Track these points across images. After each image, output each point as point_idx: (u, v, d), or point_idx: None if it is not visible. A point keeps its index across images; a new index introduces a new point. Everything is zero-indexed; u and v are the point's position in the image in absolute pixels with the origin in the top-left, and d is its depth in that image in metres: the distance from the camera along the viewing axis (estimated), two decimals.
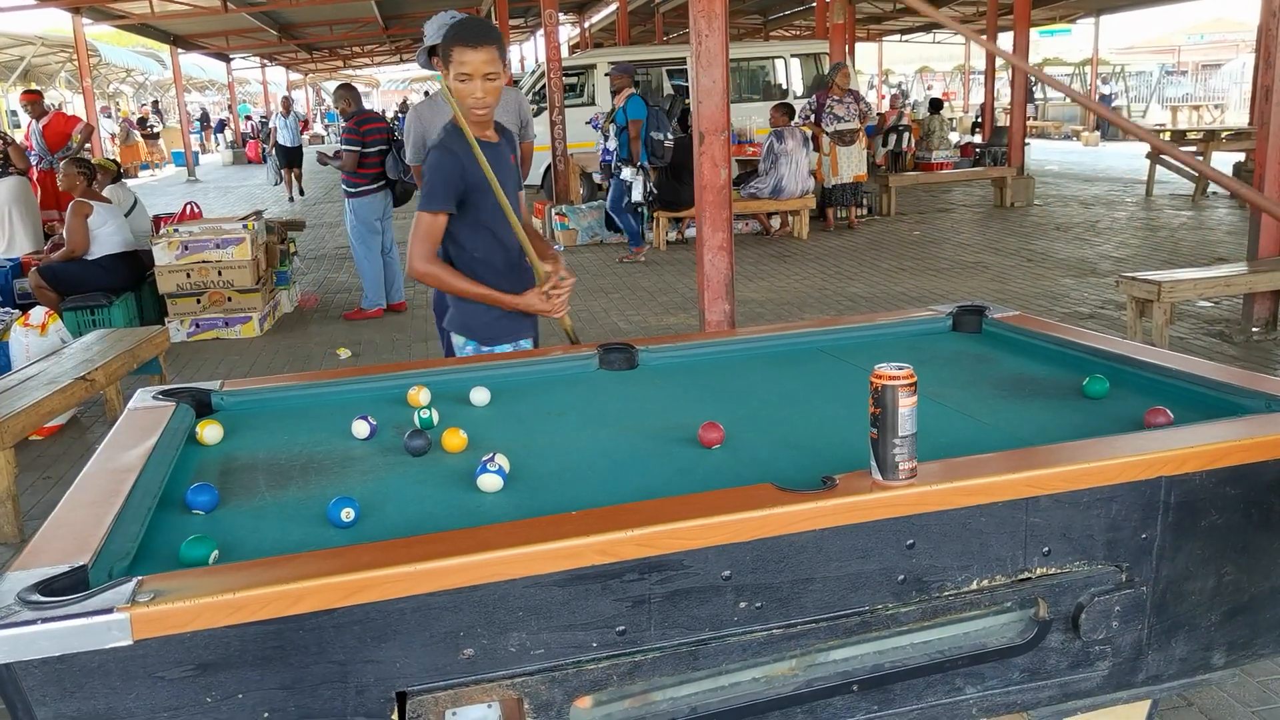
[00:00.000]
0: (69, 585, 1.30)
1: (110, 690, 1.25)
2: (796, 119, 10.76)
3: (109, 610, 1.22)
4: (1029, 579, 1.65)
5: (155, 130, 26.92)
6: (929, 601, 1.60)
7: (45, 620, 1.21)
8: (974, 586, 1.62)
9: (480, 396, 2.24)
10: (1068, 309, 6.76)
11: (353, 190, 7.33)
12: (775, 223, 10.89)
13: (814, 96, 11.10)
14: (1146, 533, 1.68)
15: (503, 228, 2.73)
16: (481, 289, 2.72)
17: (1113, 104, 26.05)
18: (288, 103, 17.79)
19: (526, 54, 30.80)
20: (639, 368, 2.49)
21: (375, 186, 7.28)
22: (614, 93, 9.54)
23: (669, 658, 1.49)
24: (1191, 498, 1.69)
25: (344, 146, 7.22)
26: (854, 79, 12.07)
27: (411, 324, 7.34)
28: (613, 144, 9.29)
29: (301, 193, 17.51)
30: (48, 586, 1.29)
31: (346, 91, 7.63)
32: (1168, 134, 14.53)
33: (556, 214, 10.85)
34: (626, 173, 9.21)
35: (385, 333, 7.09)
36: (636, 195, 9.32)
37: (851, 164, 10.80)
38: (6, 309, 6.01)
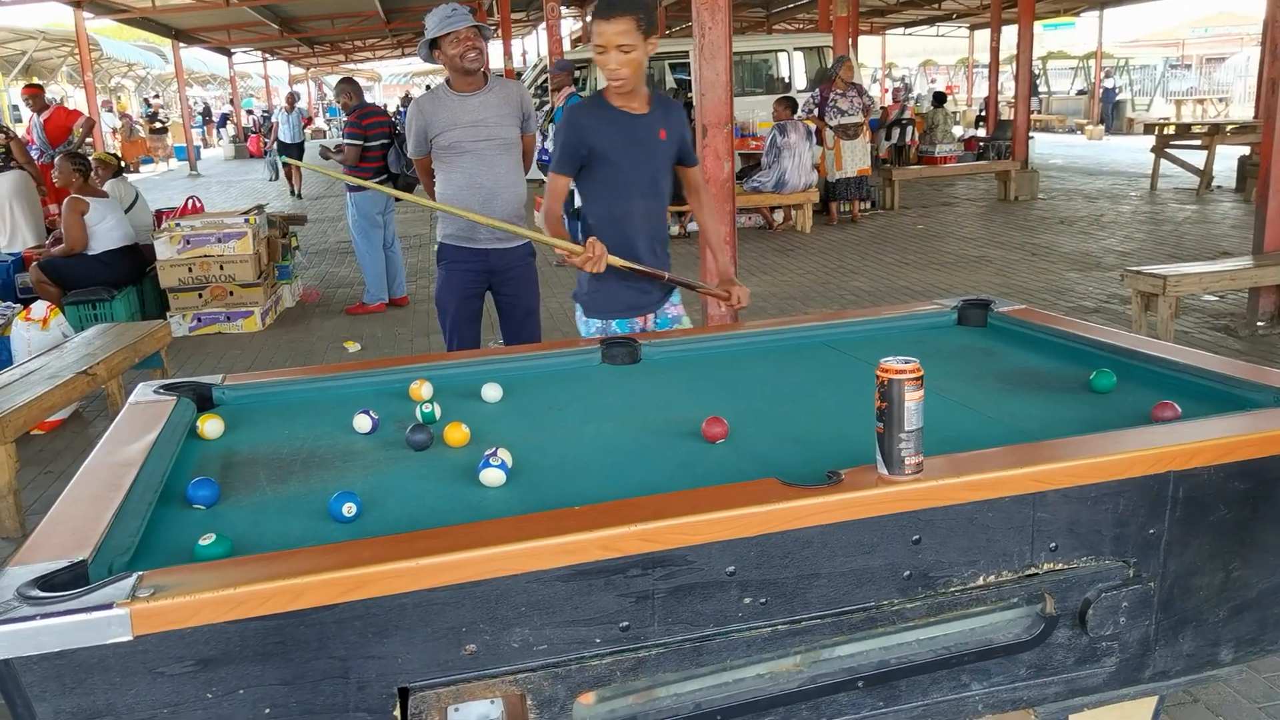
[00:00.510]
0: (69, 580, 1.29)
1: (110, 686, 1.24)
2: (800, 113, 10.74)
3: (109, 606, 1.21)
4: (1035, 574, 1.63)
5: (164, 125, 26.68)
6: (935, 597, 1.59)
7: (44, 616, 1.20)
8: (980, 582, 1.61)
9: (492, 393, 2.22)
10: (1072, 303, 6.75)
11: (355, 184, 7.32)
12: (778, 216, 10.87)
13: (817, 90, 11.08)
14: (1154, 528, 1.67)
15: (619, 199, 2.85)
16: (556, 240, 2.83)
17: (1116, 98, 25.96)
18: (292, 98, 17.16)
19: (529, 47, 30.75)
20: (642, 362, 2.48)
21: (377, 180, 7.27)
22: (554, 90, 9.36)
23: (673, 654, 1.48)
24: (1200, 492, 1.67)
25: (346, 140, 7.20)
26: (857, 72, 12.03)
27: (414, 318, 7.33)
28: (551, 144, 8.99)
29: (299, 195, 16.75)
30: (47, 582, 1.28)
31: (348, 85, 7.61)
32: (1172, 128, 14.48)
33: None
34: None
35: (388, 327, 7.08)
36: (579, 200, 8.92)
37: (855, 158, 10.78)
38: (8, 303, 6.00)
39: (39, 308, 5.44)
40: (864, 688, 1.60)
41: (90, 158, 7.56)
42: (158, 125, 26.49)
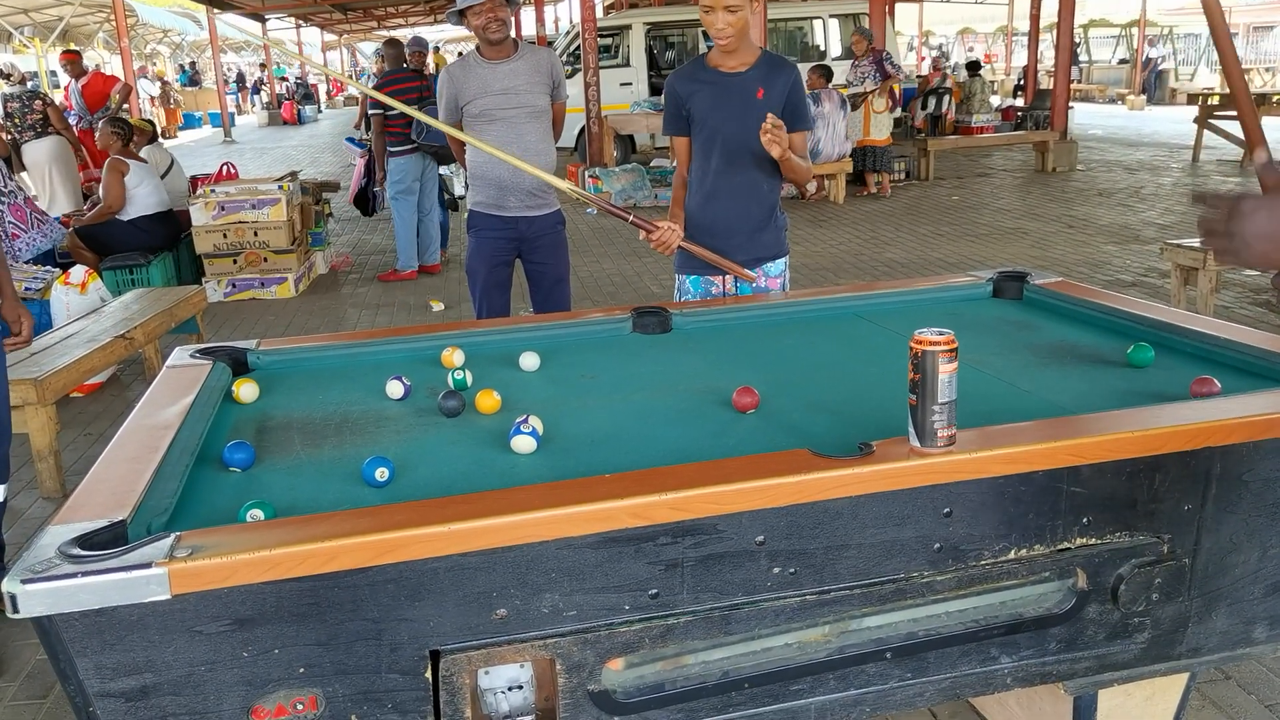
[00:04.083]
0: (108, 540, 1.32)
1: (149, 643, 1.27)
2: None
3: (148, 565, 1.24)
4: (1068, 549, 1.62)
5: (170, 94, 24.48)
6: (965, 570, 1.59)
7: (85, 574, 1.22)
8: (1011, 556, 1.60)
9: (530, 362, 2.22)
10: (1110, 277, 6.64)
11: (391, 151, 7.31)
12: (811, 186, 10.76)
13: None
14: (1190, 504, 1.65)
15: (705, 156, 2.92)
16: (633, 216, 2.91)
17: (1160, 67, 25.40)
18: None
19: (561, 14, 30.51)
20: (673, 332, 2.48)
21: (408, 147, 7.25)
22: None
23: (701, 622, 1.48)
24: (1238, 469, 1.65)
25: (369, 111, 7.20)
26: (890, 40, 11.70)
27: (445, 286, 7.35)
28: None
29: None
30: (87, 541, 1.30)
31: (386, 49, 7.60)
32: (1216, 98, 14.16)
33: (590, 176, 10.79)
34: (443, 169, 8.01)
35: (420, 294, 7.11)
36: (458, 190, 8.24)
37: (851, 129, 10.45)
38: (48, 267, 6.08)
39: (78, 272, 5.51)
40: (892, 659, 1.61)
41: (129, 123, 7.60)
42: (167, 91, 23.82)
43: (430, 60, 9.13)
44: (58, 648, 1.26)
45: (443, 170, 8.01)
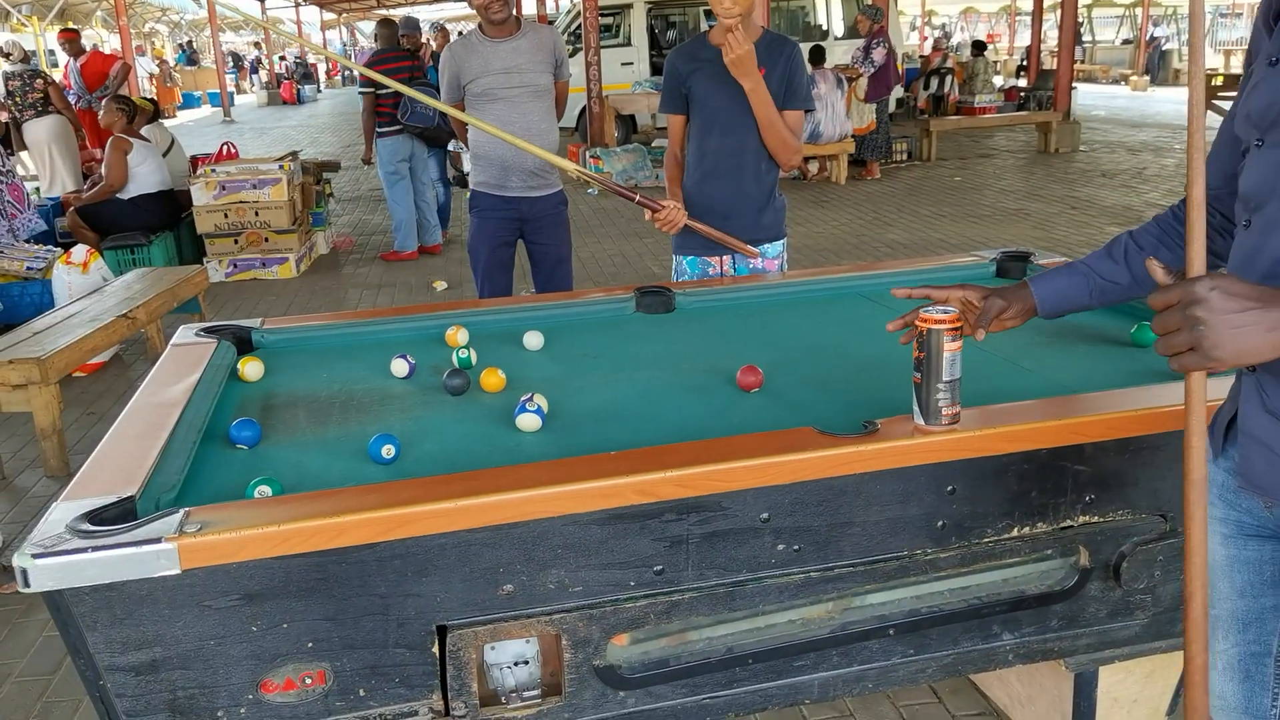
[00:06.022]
0: (117, 515, 1.32)
1: (159, 618, 1.28)
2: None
3: (157, 540, 1.24)
4: (1070, 527, 1.63)
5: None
6: (968, 548, 1.59)
7: (95, 549, 1.23)
8: (1014, 533, 1.61)
9: (534, 341, 2.22)
10: None
11: (379, 131, 7.26)
12: (813, 167, 10.74)
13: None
14: None
15: (702, 134, 2.92)
16: (638, 195, 2.95)
17: (1164, 48, 25.25)
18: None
19: None
20: (676, 311, 2.48)
21: (395, 128, 7.18)
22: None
23: (706, 598, 1.49)
24: None
25: (359, 90, 7.17)
26: (886, 22, 11.49)
27: (447, 267, 7.34)
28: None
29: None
30: (97, 516, 1.31)
31: (380, 28, 7.56)
32: (1220, 79, 14.08)
33: (591, 156, 10.76)
34: (453, 143, 7.83)
35: (421, 275, 7.11)
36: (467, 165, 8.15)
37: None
38: (49, 247, 6.08)
39: (79, 252, 5.50)
40: (895, 635, 1.62)
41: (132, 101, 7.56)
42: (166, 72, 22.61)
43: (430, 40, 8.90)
44: (68, 622, 1.27)
45: (452, 146, 7.95)
